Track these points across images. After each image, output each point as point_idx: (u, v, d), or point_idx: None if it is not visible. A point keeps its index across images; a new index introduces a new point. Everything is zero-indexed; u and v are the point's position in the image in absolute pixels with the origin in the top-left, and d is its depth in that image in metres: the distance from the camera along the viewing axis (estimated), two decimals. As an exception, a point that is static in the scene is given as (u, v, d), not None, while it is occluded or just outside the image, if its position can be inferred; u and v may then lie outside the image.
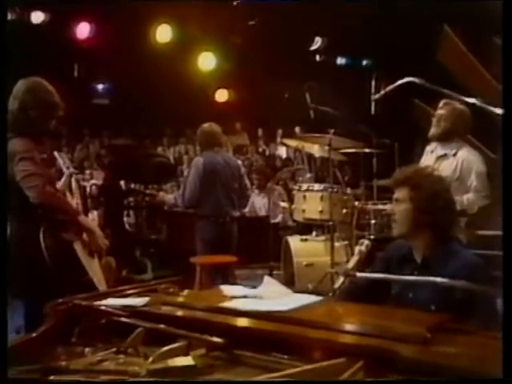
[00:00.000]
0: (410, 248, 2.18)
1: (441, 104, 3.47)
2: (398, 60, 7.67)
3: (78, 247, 2.78)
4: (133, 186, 4.44)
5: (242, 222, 4.68)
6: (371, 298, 2.08)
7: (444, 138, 3.45)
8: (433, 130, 3.49)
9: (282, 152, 11.30)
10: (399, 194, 2.15)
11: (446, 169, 3.37)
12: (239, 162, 4.86)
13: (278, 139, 11.33)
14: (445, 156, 3.46)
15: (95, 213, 6.46)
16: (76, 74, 10.28)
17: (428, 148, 3.61)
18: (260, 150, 11.64)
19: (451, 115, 3.40)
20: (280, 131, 11.49)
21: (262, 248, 5.17)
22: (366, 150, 4.88)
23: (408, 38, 7.50)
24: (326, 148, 4.37)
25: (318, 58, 10.76)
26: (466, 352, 1.33)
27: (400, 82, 2.71)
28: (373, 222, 4.24)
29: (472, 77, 5.28)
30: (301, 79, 5.06)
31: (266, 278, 1.93)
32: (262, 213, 6.83)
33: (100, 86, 11.53)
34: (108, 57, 9.24)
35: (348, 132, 4.57)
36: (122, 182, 4.43)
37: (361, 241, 2.19)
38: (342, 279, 1.96)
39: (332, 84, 9.43)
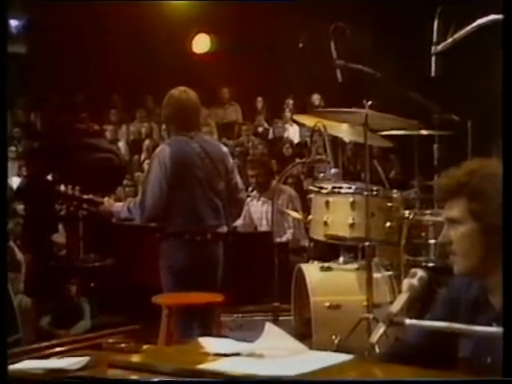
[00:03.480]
0: (484, 287, 2.20)
1: None
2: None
3: None
4: (63, 188, 4.41)
5: (231, 241, 4.68)
6: (427, 359, 2.11)
7: None
8: None
9: (294, 134, 11.35)
10: (453, 210, 2.17)
11: None
12: (226, 149, 4.82)
13: (287, 114, 11.38)
14: None
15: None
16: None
17: None
18: (259, 130, 11.69)
19: None
20: (290, 102, 11.55)
21: (262, 281, 5.17)
22: (423, 132, 4.90)
23: None
24: (361, 129, 4.37)
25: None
26: None
27: (479, 21, 2.69)
28: (432, 241, 4.26)
29: None
30: (323, 18, 5.05)
31: (268, 327, 1.96)
32: (263, 227, 6.86)
33: (13, 23, 11.38)
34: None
35: (394, 104, 4.58)
36: (49, 179, 4.44)
37: (413, 271, 2.20)
38: (382, 329, 1.99)
39: (372, 27, 9.45)
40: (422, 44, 3.21)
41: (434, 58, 3.10)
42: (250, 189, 6.99)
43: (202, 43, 11.44)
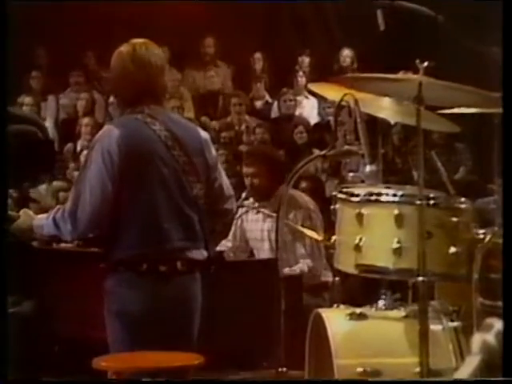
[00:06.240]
0: None
1: None
2: None
3: None
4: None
5: (214, 273, 4.74)
6: None
7: None
8: None
9: (310, 112, 11.51)
10: None
11: None
12: (206, 134, 4.88)
13: (301, 80, 11.44)
14: None
15: None
16: None
17: None
18: (258, 105, 11.83)
19: None
20: (305, 60, 11.62)
21: (261, 335, 5.16)
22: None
23: None
24: (411, 105, 4.38)
25: None
26: None
27: None
28: (520, 277, 4.25)
29: None
30: None
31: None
32: (264, 252, 6.95)
33: None
34: None
35: (465, 67, 4.55)
36: None
37: (489, 322, 2.21)
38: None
39: None
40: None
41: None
42: (244, 195, 7.02)
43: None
